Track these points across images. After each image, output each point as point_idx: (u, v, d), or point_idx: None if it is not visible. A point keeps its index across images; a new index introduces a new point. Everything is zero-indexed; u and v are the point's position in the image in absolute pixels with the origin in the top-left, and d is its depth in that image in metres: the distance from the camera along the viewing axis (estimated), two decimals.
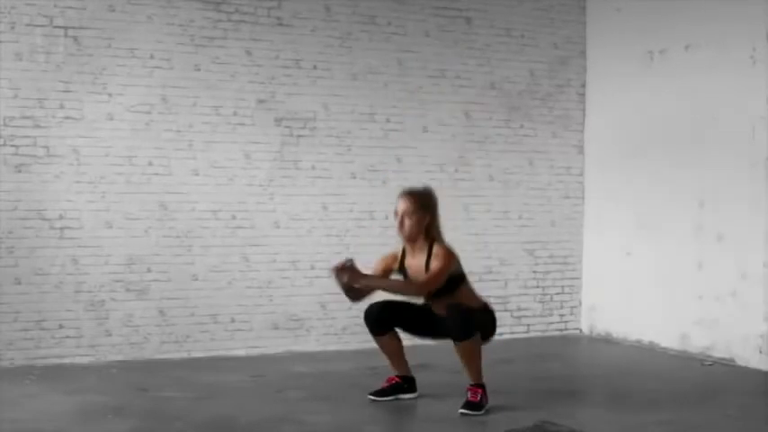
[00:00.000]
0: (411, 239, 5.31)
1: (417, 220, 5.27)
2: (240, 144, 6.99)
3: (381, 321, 5.41)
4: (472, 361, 5.18)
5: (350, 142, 7.32)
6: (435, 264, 5.19)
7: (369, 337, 5.51)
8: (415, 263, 5.31)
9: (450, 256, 5.21)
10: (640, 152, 7.54)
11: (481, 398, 5.19)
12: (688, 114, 7.10)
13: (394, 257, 5.44)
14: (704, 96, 6.94)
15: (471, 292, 5.38)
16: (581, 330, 8.14)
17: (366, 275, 5.24)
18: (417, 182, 7.32)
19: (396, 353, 5.52)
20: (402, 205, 5.31)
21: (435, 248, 5.24)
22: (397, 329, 5.48)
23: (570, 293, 8.13)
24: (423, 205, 5.30)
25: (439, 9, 7.61)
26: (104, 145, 6.61)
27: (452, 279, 5.22)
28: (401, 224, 5.29)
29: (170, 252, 6.79)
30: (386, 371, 5.66)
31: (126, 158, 6.67)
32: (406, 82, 7.51)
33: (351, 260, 5.20)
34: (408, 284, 5.29)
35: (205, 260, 6.89)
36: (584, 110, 8.16)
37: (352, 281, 5.16)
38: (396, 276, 5.42)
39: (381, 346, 5.51)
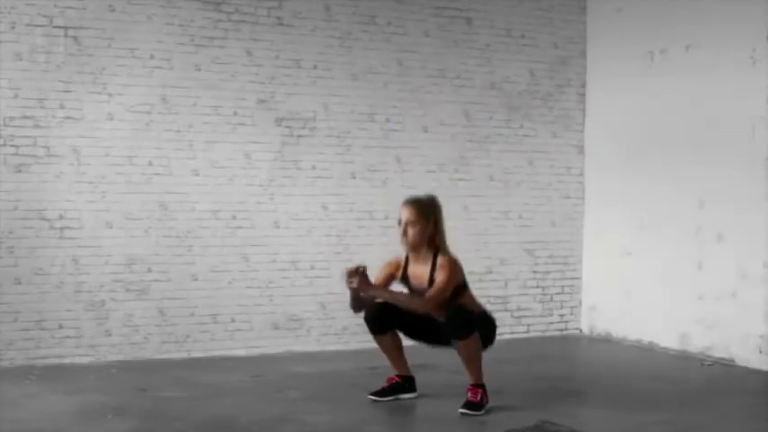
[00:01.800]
0: (415, 249, 5.30)
1: (421, 229, 5.25)
2: (240, 144, 6.99)
3: (382, 321, 5.41)
4: (473, 360, 5.18)
5: (350, 142, 7.33)
6: (440, 278, 5.16)
7: (369, 337, 5.51)
8: (419, 271, 5.30)
9: (454, 270, 5.19)
10: (640, 152, 7.54)
11: (481, 398, 5.19)
12: (688, 114, 7.10)
13: (397, 265, 5.42)
14: (704, 96, 6.94)
15: (472, 299, 5.37)
16: (581, 330, 8.14)
17: (374, 286, 5.22)
18: (417, 182, 7.38)
19: (396, 352, 5.52)
20: (406, 214, 5.28)
21: (440, 259, 5.23)
22: (397, 331, 5.48)
23: (570, 293, 8.13)
24: (426, 214, 5.28)
25: (439, 9, 7.62)
26: (104, 145, 6.61)
27: (455, 288, 5.22)
28: (404, 233, 5.27)
29: (170, 252, 6.79)
30: (386, 371, 5.66)
31: (126, 158, 6.67)
32: (406, 82, 7.51)
33: (364, 267, 5.17)
34: (414, 299, 5.25)
35: (205, 260, 6.89)
36: (584, 110, 8.16)
37: (360, 288, 5.16)
38: (398, 285, 5.41)
39: (381, 346, 5.51)
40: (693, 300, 7.01)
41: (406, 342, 5.57)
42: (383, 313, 5.39)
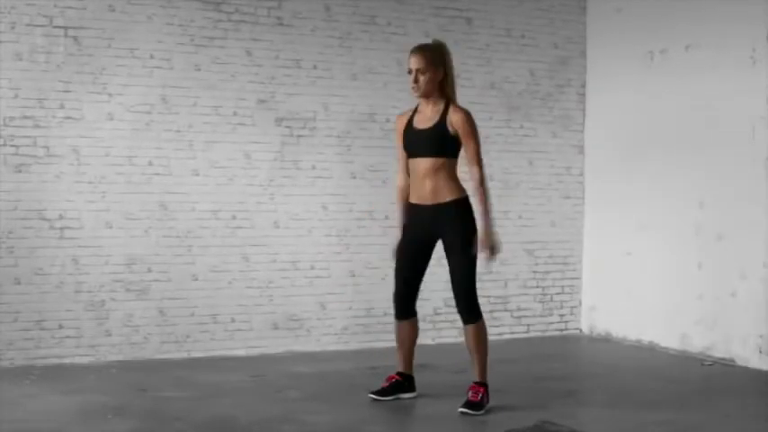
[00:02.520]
0: (426, 95, 5.33)
1: (431, 75, 5.28)
2: (240, 144, 6.99)
3: (408, 307, 5.44)
4: (479, 350, 5.22)
5: (350, 142, 7.33)
6: (469, 142, 5.25)
7: (369, 337, 5.53)
8: (427, 115, 5.33)
9: (473, 122, 5.29)
10: (640, 152, 7.54)
11: (482, 397, 5.19)
12: (688, 114, 7.10)
13: (401, 131, 5.45)
14: (704, 96, 6.94)
15: (455, 170, 5.38)
16: (581, 330, 8.15)
17: (485, 231, 5.30)
18: None
19: (409, 345, 5.51)
20: (415, 62, 5.30)
21: (454, 112, 5.28)
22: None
23: (570, 293, 8.13)
24: (435, 61, 5.31)
25: (439, 9, 7.62)
26: (104, 145, 6.61)
27: (456, 143, 5.28)
28: (415, 81, 5.30)
29: (170, 252, 6.79)
30: (386, 371, 5.66)
31: (126, 158, 6.67)
32: (406, 82, 7.45)
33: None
34: (483, 192, 5.35)
35: (205, 260, 6.89)
36: (584, 110, 8.17)
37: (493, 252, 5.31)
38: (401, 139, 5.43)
39: (399, 333, 5.50)
40: (693, 300, 7.01)
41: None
42: (410, 299, 5.43)
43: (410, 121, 5.42)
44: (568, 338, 7.98)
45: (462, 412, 5.12)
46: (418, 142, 5.32)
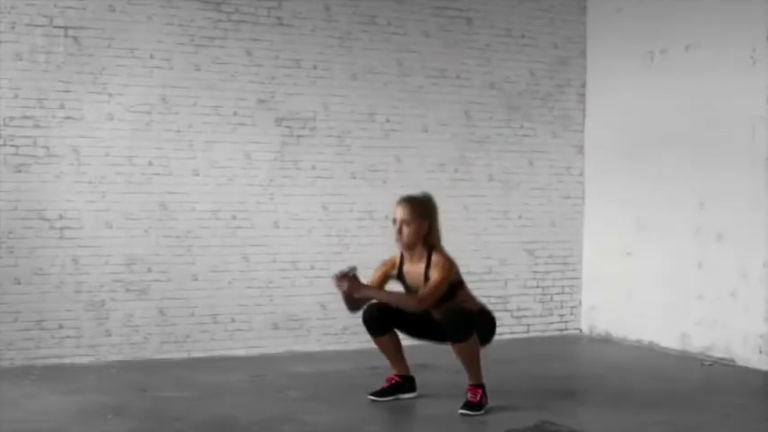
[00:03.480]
0: (409, 248, 5.29)
1: (416, 228, 5.23)
2: (240, 144, 6.99)
3: (380, 323, 5.41)
4: (471, 362, 5.18)
5: (350, 142, 7.33)
6: (435, 275, 5.15)
7: (369, 336, 5.51)
8: (414, 270, 5.29)
9: (449, 267, 5.17)
10: (640, 152, 7.54)
11: (481, 398, 5.19)
12: (688, 114, 7.10)
13: (392, 264, 5.41)
14: (704, 96, 6.94)
15: (469, 296, 5.36)
16: (581, 330, 8.14)
17: (366, 286, 5.20)
18: (417, 182, 7.37)
19: (395, 353, 5.52)
20: (400, 213, 5.26)
21: (434, 257, 5.21)
22: (397, 330, 5.47)
23: (570, 293, 8.13)
24: (421, 213, 5.26)
25: (439, 9, 7.62)
26: (104, 145, 6.61)
27: (451, 286, 5.20)
28: (399, 232, 5.26)
29: (170, 252, 6.79)
30: (386, 371, 5.66)
31: (126, 158, 6.67)
32: (406, 82, 7.51)
33: (354, 268, 5.16)
34: (408, 298, 5.24)
35: (205, 260, 6.89)
36: (584, 110, 8.16)
37: (351, 290, 5.14)
38: (394, 284, 5.40)
39: (380, 347, 5.51)
40: (693, 300, 7.01)
41: (406, 342, 5.57)
42: (382, 314, 5.39)
43: (401, 266, 5.36)
44: (568, 338, 7.98)
45: (462, 413, 5.12)
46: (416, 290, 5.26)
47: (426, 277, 5.20)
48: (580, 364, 7.14)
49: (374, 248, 7.22)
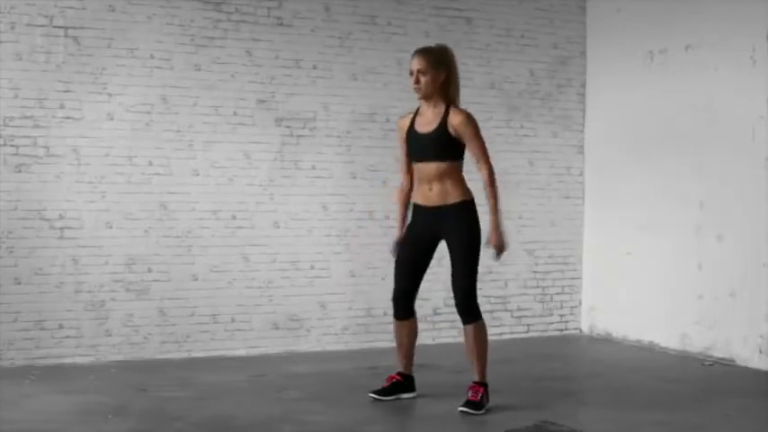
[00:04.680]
0: (427, 97, 5.33)
1: (432, 77, 5.28)
2: (240, 144, 6.99)
3: (407, 307, 5.43)
4: (479, 349, 5.21)
5: (350, 142, 7.33)
6: (473, 142, 5.28)
7: (369, 337, 5.53)
8: (428, 117, 5.32)
9: (476, 123, 5.30)
10: (640, 152, 7.54)
11: (482, 397, 5.19)
12: (688, 114, 7.10)
13: (401, 131, 5.46)
14: (704, 96, 6.94)
15: (461, 172, 5.40)
16: (581, 330, 8.15)
17: (495, 229, 5.28)
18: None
19: (408, 344, 5.50)
20: (416, 63, 5.31)
21: (455, 113, 5.27)
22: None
23: (570, 293, 8.13)
24: (437, 63, 5.31)
25: (439, 9, 7.62)
26: (104, 145, 6.61)
27: (460, 145, 5.30)
28: (417, 81, 5.30)
29: (170, 252, 6.79)
30: (386, 371, 5.66)
31: (126, 158, 6.67)
32: (406, 82, 7.43)
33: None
34: (492, 190, 5.35)
35: (205, 260, 6.89)
36: (584, 110, 8.17)
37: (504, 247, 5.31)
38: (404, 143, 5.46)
39: (398, 333, 5.50)
40: (693, 300, 7.01)
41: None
42: (411, 299, 5.43)
43: (412, 124, 5.42)
44: (568, 338, 7.98)
45: (462, 411, 5.12)
46: (422, 147, 5.32)
47: (441, 126, 5.24)
48: (580, 364, 7.14)
49: (374, 248, 7.23)
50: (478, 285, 5.37)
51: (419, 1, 7.53)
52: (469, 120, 5.29)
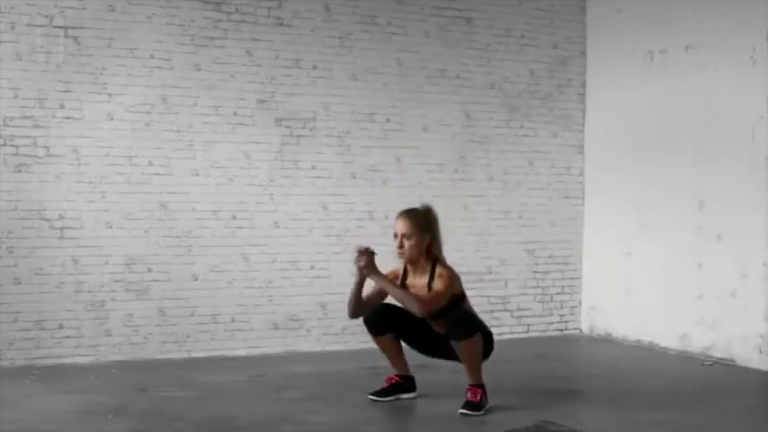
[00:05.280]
0: (412, 261, 5.29)
1: (417, 241, 5.23)
2: (240, 144, 6.99)
3: (380, 324, 5.41)
4: (473, 361, 5.18)
5: (350, 142, 7.33)
6: (438, 286, 5.15)
7: (369, 337, 5.51)
8: (418, 282, 5.29)
9: (453, 279, 5.18)
10: (640, 152, 7.54)
11: (481, 398, 5.19)
12: (688, 114, 7.10)
13: (395, 275, 5.40)
14: (704, 96, 6.94)
15: (470, 310, 5.35)
16: (581, 330, 8.14)
17: (379, 272, 5.19)
18: (417, 182, 7.40)
19: (395, 352, 5.52)
20: (401, 227, 5.26)
21: (438, 269, 5.21)
22: (399, 339, 5.47)
23: (570, 293, 8.13)
24: (422, 226, 5.25)
25: (439, 9, 7.61)
26: (104, 145, 6.61)
27: (453, 298, 5.21)
28: (401, 246, 5.26)
29: (170, 252, 6.79)
30: (386, 371, 5.66)
31: (126, 158, 6.67)
32: (406, 82, 7.51)
33: (372, 249, 5.20)
34: (412, 297, 5.17)
35: (205, 260, 6.89)
36: (584, 110, 8.16)
37: (367, 268, 5.15)
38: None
39: (381, 347, 5.51)
40: (693, 300, 7.01)
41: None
42: (382, 316, 5.39)
43: (404, 278, 5.35)
44: (568, 338, 7.98)
45: (462, 413, 5.12)
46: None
47: (430, 289, 5.20)
48: (580, 364, 7.14)
49: (374, 248, 7.21)
50: (479, 285, 5.36)
51: (419, 1, 7.53)
52: (448, 275, 5.17)
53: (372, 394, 5.46)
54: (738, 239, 6.67)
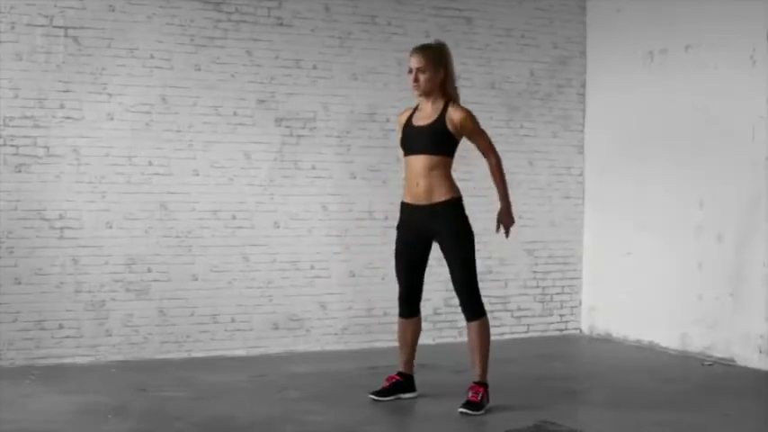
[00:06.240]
0: (427, 94, 5.36)
1: (431, 75, 5.31)
2: (240, 144, 6.99)
3: (413, 305, 5.47)
4: (481, 348, 5.24)
5: (350, 142, 7.33)
6: (477, 137, 5.36)
7: (369, 337, 5.53)
8: (423, 115, 5.36)
9: (475, 119, 5.34)
10: (640, 152, 7.54)
11: (482, 397, 5.19)
12: (688, 114, 7.10)
13: (400, 124, 5.50)
14: (704, 96, 6.94)
15: (450, 170, 5.43)
16: (581, 330, 8.14)
17: (505, 211, 5.52)
18: None
19: (411, 343, 5.52)
20: (415, 61, 5.34)
21: (453, 110, 5.30)
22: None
23: (570, 293, 8.13)
24: (436, 61, 5.33)
25: (439, 9, 7.62)
26: (104, 145, 6.61)
27: (453, 141, 5.32)
28: (416, 80, 5.33)
29: (170, 252, 6.79)
30: (386, 371, 5.66)
31: (126, 158, 6.67)
32: (406, 82, 7.44)
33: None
34: (494, 165, 5.46)
35: (205, 260, 6.89)
36: (584, 110, 8.16)
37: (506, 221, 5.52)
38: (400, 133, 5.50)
39: (401, 332, 5.52)
40: (693, 300, 7.01)
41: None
42: (415, 295, 5.47)
43: (410, 119, 5.45)
44: (568, 338, 7.98)
45: (462, 412, 5.12)
46: (415, 139, 5.35)
47: (439, 120, 5.27)
48: (580, 364, 7.14)
49: (374, 248, 7.23)
50: (479, 285, 5.37)
51: (419, 1, 7.53)
52: (470, 116, 5.33)
53: (373, 394, 5.47)
54: (738, 239, 6.67)
